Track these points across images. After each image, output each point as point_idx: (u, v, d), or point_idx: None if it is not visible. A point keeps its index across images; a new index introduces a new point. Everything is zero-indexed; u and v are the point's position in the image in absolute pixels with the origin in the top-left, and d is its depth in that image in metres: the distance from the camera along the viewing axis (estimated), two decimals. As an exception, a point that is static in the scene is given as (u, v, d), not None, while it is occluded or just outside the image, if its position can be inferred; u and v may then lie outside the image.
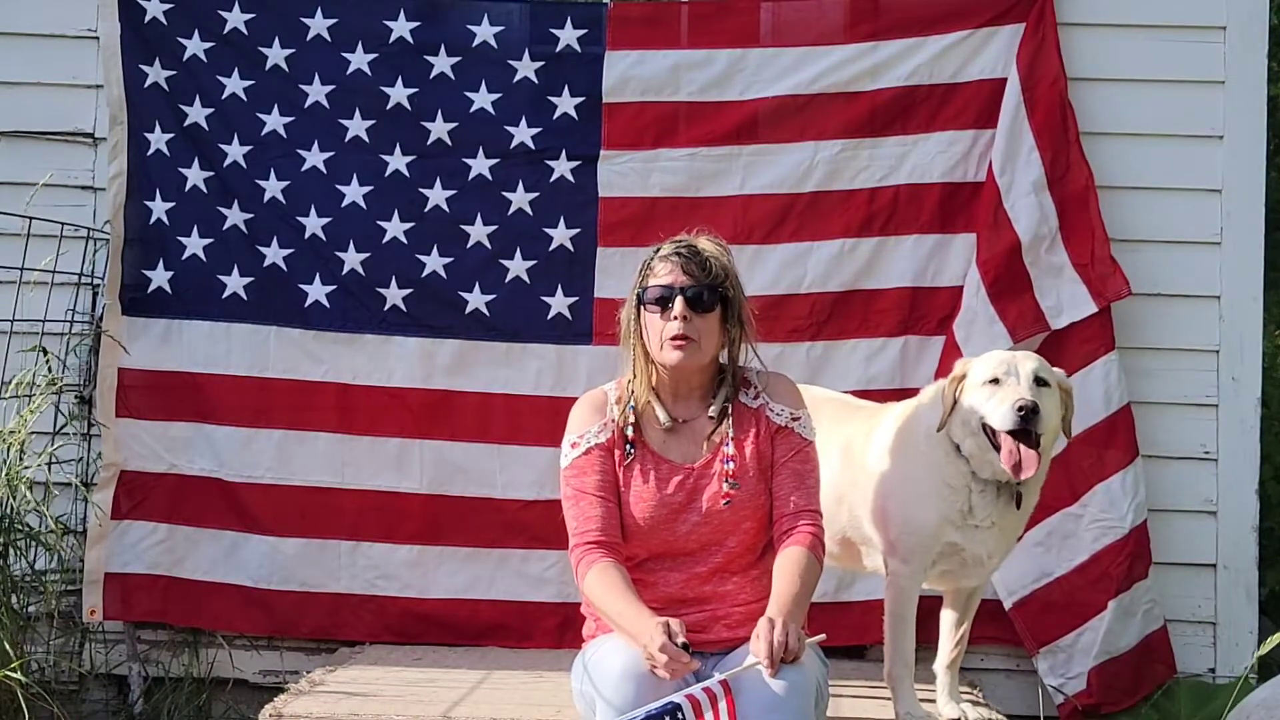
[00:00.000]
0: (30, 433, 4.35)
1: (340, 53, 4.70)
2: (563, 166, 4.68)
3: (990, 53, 4.61)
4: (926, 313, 4.63)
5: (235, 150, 4.71)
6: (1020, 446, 3.42)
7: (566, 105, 4.68)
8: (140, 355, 4.71)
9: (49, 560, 4.51)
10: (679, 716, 2.85)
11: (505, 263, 4.68)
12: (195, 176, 4.72)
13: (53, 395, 4.54)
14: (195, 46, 4.71)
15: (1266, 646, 3.70)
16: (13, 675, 3.97)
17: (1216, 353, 4.67)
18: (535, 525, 4.60)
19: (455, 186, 4.69)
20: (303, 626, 4.70)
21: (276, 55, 4.70)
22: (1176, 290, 4.67)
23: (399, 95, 4.69)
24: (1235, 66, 4.65)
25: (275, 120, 4.70)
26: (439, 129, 4.69)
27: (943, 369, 4.37)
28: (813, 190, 4.64)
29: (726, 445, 3.25)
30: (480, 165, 4.69)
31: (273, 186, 4.70)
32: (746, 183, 4.66)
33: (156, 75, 4.71)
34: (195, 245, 4.72)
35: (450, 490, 4.67)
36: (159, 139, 4.71)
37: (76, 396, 4.75)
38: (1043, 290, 4.55)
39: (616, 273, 4.61)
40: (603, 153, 4.67)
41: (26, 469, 4.30)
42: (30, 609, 4.43)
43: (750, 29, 4.68)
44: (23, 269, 4.48)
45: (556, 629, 4.59)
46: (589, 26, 4.67)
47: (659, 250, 3.29)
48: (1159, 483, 4.62)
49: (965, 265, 4.60)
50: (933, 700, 3.83)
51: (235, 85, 4.71)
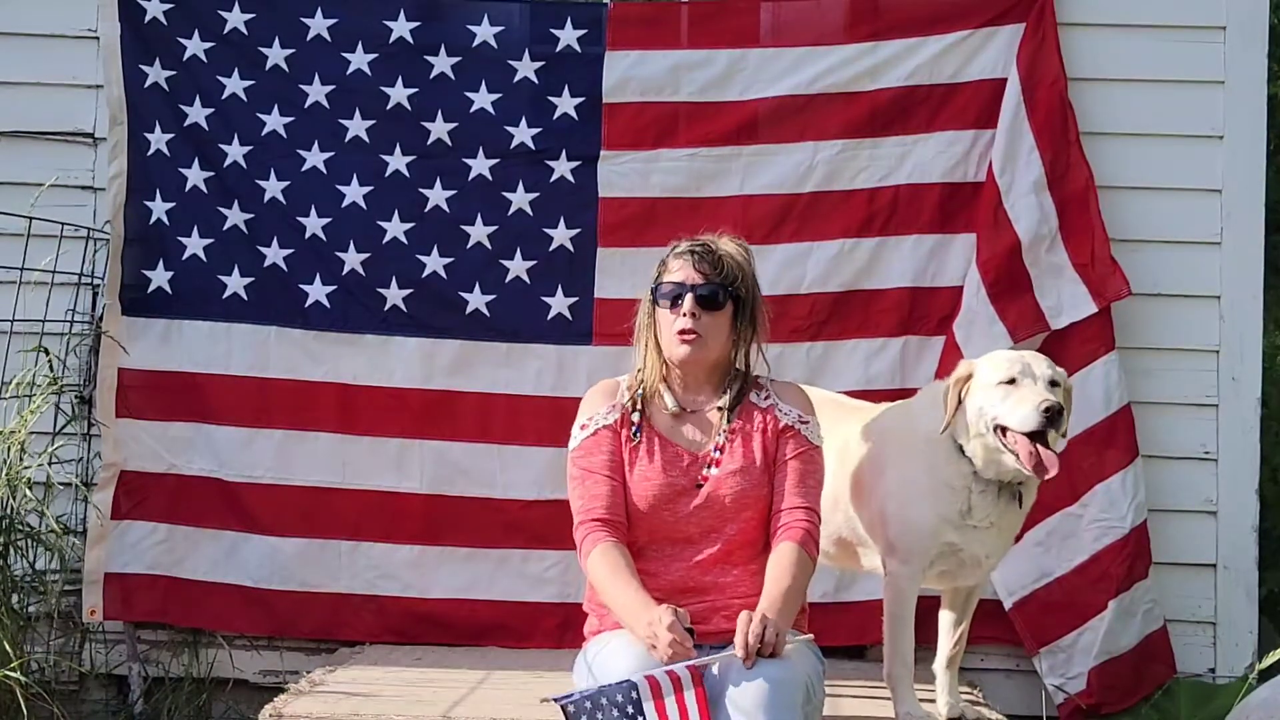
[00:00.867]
0: (30, 433, 4.35)
1: (340, 53, 4.70)
2: (563, 167, 4.68)
3: (990, 53, 4.61)
4: (926, 313, 4.62)
5: (235, 150, 4.71)
6: (1039, 447, 3.42)
7: (566, 105, 4.68)
8: (140, 355, 4.71)
9: (49, 560, 4.50)
10: (634, 696, 2.85)
11: (505, 263, 4.68)
12: (195, 177, 4.72)
13: (53, 395, 4.54)
14: (195, 46, 4.70)
15: (1269, 659, 3.73)
16: (13, 675, 3.97)
17: (1216, 353, 4.67)
18: (535, 525, 4.60)
19: (455, 187, 4.69)
20: (303, 626, 4.70)
21: (276, 55, 4.70)
22: (1176, 290, 4.67)
23: (399, 95, 4.69)
24: (1235, 66, 4.65)
25: (275, 120, 4.70)
26: (439, 129, 4.69)
27: (943, 369, 4.37)
28: (813, 190, 4.64)
29: (719, 434, 3.29)
30: (480, 165, 4.69)
31: (273, 187, 4.70)
32: (746, 183, 4.66)
33: (156, 75, 4.71)
34: (195, 245, 4.72)
35: (450, 490, 4.67)
36: (159, 139, 4.71)
37: (76, 396, 4.74)
38: (1043, 290, 4.55)
39: (616, 273, 4.62)
40: (603, 153, 4.67)
41: (27, 469, 4.30)
42: (30, 609, 4.43)
43: (750, 29, 4.68)
44: (23, 269, 4.48)
45: (557, 629, 4.59)
46: (589, 26, 4.67)
47: (675, 247, 3.36)
48: (1159, 483, 4.62)
49: (965, 265, 4.60)
50: (933, 700, 3.83)
51: (235, 85, 4.71)
